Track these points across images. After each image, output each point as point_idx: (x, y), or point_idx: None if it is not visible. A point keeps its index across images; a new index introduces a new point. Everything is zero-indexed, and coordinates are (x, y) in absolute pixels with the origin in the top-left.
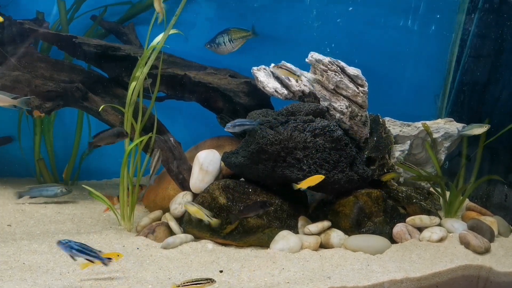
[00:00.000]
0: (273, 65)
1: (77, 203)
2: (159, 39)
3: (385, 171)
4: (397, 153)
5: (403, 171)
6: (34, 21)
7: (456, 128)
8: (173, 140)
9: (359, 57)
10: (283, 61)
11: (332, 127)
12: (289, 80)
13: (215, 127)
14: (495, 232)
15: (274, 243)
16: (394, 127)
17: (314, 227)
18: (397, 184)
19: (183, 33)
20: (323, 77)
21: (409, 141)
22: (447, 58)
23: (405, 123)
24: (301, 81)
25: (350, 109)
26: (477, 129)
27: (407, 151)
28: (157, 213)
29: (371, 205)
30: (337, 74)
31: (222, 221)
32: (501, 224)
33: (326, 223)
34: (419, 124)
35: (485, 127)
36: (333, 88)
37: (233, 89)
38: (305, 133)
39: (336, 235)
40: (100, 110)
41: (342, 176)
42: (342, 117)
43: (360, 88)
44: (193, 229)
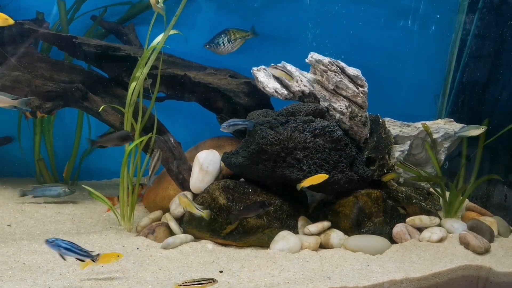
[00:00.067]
0: (273, 65)
1: (77, 203)
2: (159, 39)
3: (385, 171)
4: (397, 153)
5: (403, 172)
6: (34, 21)
7: (455, 128)
8: (173, 140)
9: (359, 57)
10: (283, 62)
11: (332, 128)
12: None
13: (215, 127)
14: (495, 232)
15: (274, 243)
16: (394, 127)
17: (314, 227)
18: (397, 184)
19: (183, 34)
20: (323, 77)
21: (409, 142)
22: (447, 58)
23: (405, 123)
24: (296, 82)
25: (350, 110)
26: (473, 131)
27: (407, 152)
28: (157, 213)
29: (371, 205)
30: (337, 74)
31: (222, 221)
32: (500, 224)
33: (326, 224)
34: (419, 124)
35: (482, 128)
36: (333, 88)
37: (233, 89)
38: (305, 133)
39: (336, 236)
40: (100, 110)
41: (342, 176)
42: (342, 117)
43: (360, 88)
44: (193, 229)
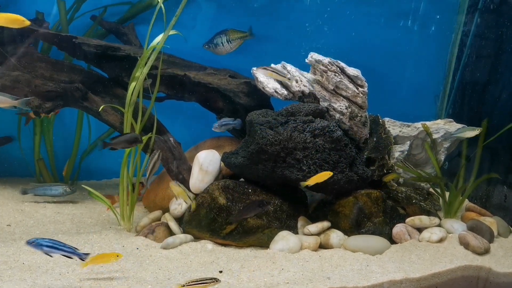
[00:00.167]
0: (273, 65)
1: (76, 203)
2: (159, 39)
3: (385, 171)
4: (397, 153)
5: (402, 172)
6: (34, 21)
7: (455, 128)
8: (173, 140)
9: (359, 57)
10: (283, 62)
11: (331, 128)
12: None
13: None
14: (495, 232)
15: (273, 243)
16: (394, 127)
17: (313, 228)
18: (396, 184)
19: (183, 34)
20: (322, 77)
21: (408, 142)
22: (447, 58)
23: (405, 123)
24: (296, 82)
25: (349, 110)
26: (469, 132)
27: (407, 152)
28: (157, 213)
29: (370, 205)
30: (336, 74)
31: (221, 221)
32: (500, 224)
33: (325, 224)
34: (419, 124)
35: (477, 130)
36: (333, 88)
37: (233, 89)
38: (305, 133)
39: (335, 236)
40: (100, 110)
41: (341, 176)
42: (341, 117)
43: (360, 88)
44: (193, 229)
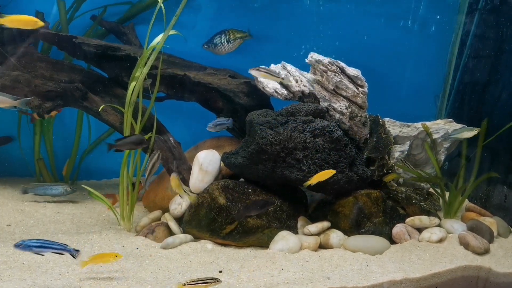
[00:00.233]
0: (272, 65)
1: (76, 203)
2: (159, 39)
3: (385, 171)
4: (397, 153)
5: (402, 172)
6: None
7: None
8: (173, 140)
9: (359, 57)
10: (283, 62)
11: (331, 128)
12: (289, 80)
13: None
14: (495, 233)
15: (273, 243)
16: (393, 127)
17: (313, 228)
18: (396, 184)
19: (182, 34)
20: (322, 77)
21: (408, 142)
22: (447, 58)
23: (405, 123)
24: (296, 82)
25: (349, 110)
26: (466, 133)
27: (407, 152)
28: (157, 213)
29: (370, 205)
30: (336, 74)
31: (221, 221)
32: (500, 224)
33: (325, 224)
34: (419, 124)
35: (475, 130)
36: (333, 88)
37: (233, 89)
38: (305, 133)
39: (335, 236)
40: (99, 110)
41: (341, 176)
42: (341, 117)
43: (360, 88)
44: (193, 229)
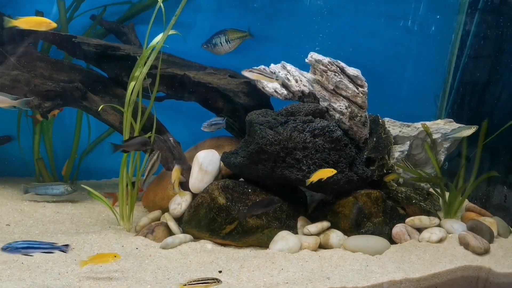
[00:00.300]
0: (272, 65)
1: (76, 203)
2: (159, 38)
3: (385, 171)
4: (397, 153)
5: (402, 172)
6: None
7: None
8: (172, 140)
9: (359, 57)
10: (283, 62)
11: (331, 128)
12: (289, 80)
13: None
14: (495, 233)
15: (273, 243)
16: (393, 127)
17: (313, 228)
18: (396, 184)
19: (182, 34)
20: (322, 77)
21: (408, 142)
22: (447, 58)
23: (405, 123)
24: (296, 82)
25: (349, 110)
26: (465, 131)
27: (407, 152)
28: (156, 213)
29: (370, 205)
30: (336, 74)
31: (221, 221)
32: (500, 225)
33: (325, 224)
34: (419, 124)
35: (473, 128)
36: (333, 88)
37: (233, 89)
38: (305, 133)
39: (335, 236)
40: (99, 110)
41: (341, 176)
42: (341, 117)
43: (359, 88)
44: (192, 229)
